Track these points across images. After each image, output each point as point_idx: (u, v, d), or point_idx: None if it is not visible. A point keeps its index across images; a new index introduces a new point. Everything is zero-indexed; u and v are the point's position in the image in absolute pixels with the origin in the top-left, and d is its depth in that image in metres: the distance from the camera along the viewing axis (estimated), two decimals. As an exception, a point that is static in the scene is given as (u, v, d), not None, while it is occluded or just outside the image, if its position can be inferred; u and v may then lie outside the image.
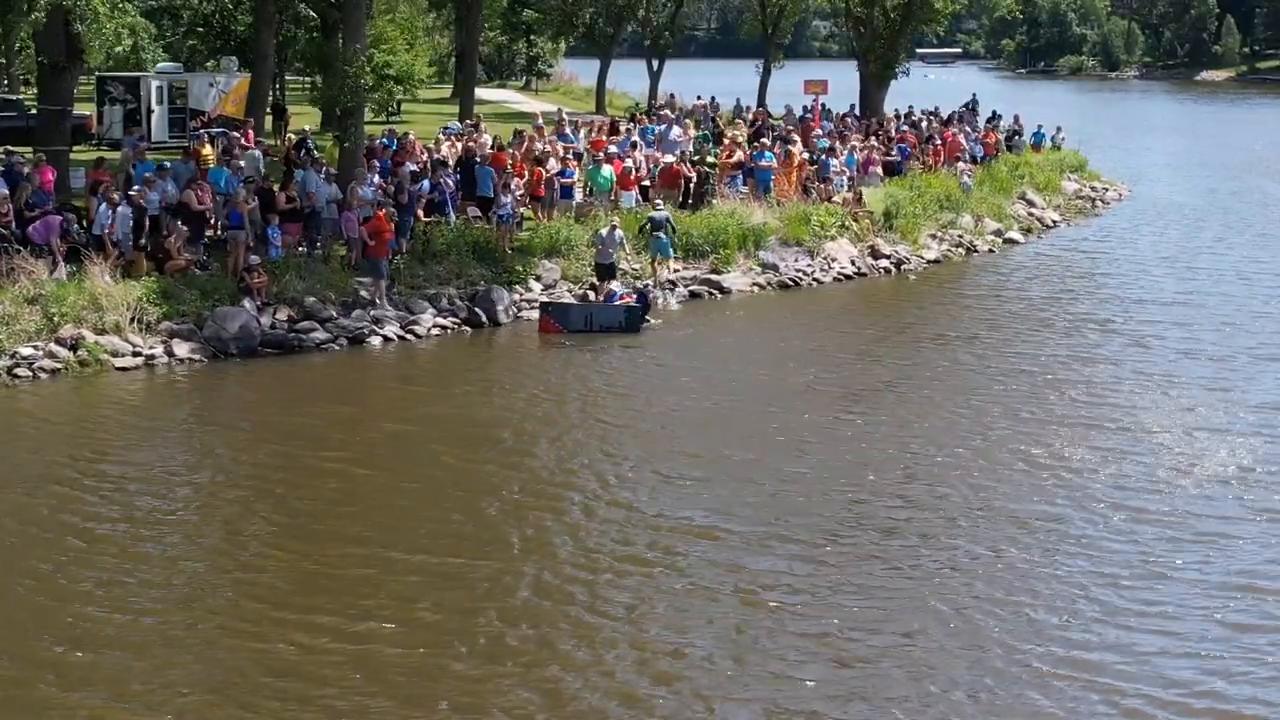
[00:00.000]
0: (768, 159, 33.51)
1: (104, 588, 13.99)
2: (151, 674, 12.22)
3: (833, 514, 16.32)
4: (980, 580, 14.48)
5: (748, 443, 18.97)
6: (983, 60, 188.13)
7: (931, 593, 14.10)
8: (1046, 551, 15.27)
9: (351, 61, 27.16)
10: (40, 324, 22.06)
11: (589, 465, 18.08)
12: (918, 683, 12.27)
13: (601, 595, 13.98)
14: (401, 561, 14.79)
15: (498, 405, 21.01)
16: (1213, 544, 15.52)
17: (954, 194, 36.98)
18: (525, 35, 70.90)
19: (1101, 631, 13.31)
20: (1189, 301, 29.35)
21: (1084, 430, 19.63)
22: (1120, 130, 75.29)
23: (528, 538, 15.52)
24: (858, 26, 48.78)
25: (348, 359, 23.71)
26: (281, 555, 14.98)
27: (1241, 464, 18.22)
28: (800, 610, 13.70)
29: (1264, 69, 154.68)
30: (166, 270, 23.90)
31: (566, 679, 12.30)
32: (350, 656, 12.59)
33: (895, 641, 13.08)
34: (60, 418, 20.16)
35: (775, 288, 30.20)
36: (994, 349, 24.93)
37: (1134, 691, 12.21)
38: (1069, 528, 16.01)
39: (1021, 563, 14.97)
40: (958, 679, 12.35)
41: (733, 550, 15.16)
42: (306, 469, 17.90)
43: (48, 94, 29.10)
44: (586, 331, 25.25)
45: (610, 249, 27.04)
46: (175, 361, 22.56)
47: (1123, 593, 14.19)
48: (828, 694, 12.09)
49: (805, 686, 12.22)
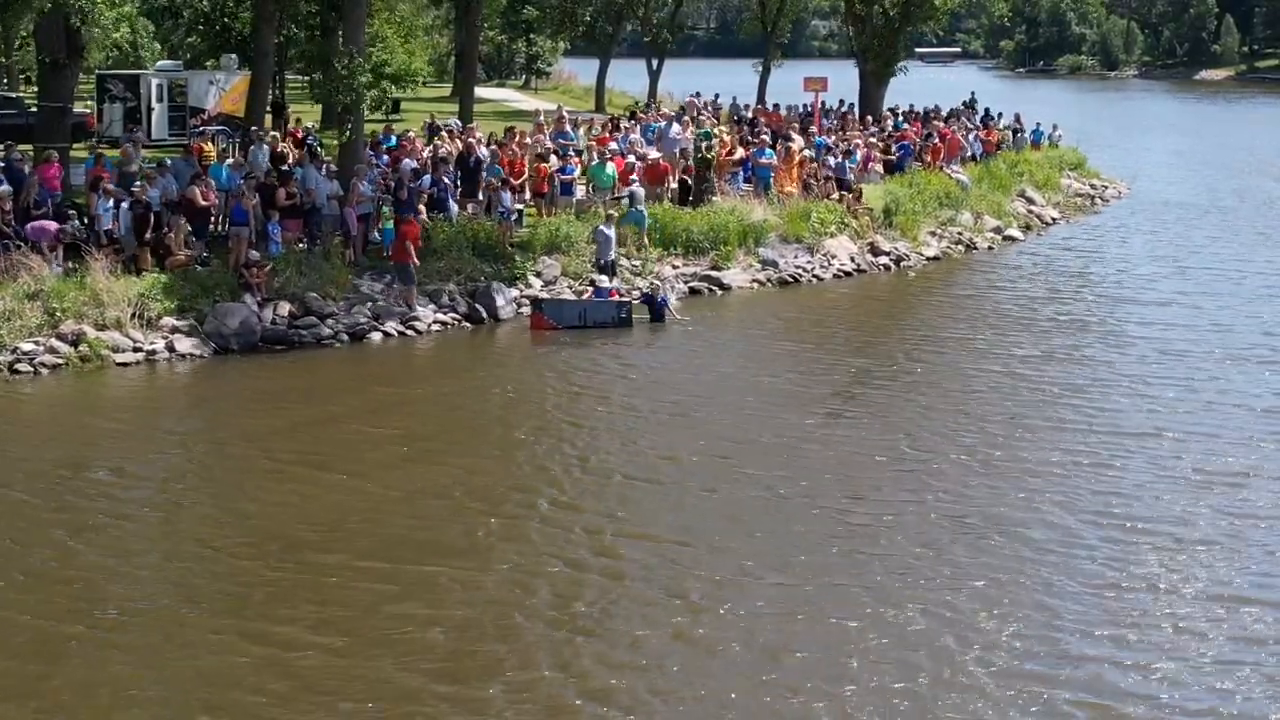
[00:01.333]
0: (768, 156, 33.55)
1: (102, 583, 14.00)
2: (152, 670, 12.24)
3: (823, 516, 16.30)
4: (968, 588, 14.32)
5: (744, 443, 18.97)
6: (982, 60, 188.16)
7: (912, 598, 14.00)
8: (1026, 559, 15.25)
9: (349, 59, 27.17)
10: (41, 320, 22.10)
11: (579, 464, 18.10)
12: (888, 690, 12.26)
13: (571, 597, 13.92)
14: (399, 558, 14.82)
15: (498, 403, 21.03)
16: (1212, 550, 15.47)
17: (953, 191, 37.02)
18: (524, 34, 70.87)
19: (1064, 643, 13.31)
20: (1184, 300, 29.30)
21: (1081, 433, 19.57)
22: (1120, 129, 75.31)
23: (532, 540, 15.55)
24: (858, 24, 48.79)
25: (348, 355, 23.74)
26: (281, 554, 14.95)
27: (1240, 467, 18.24)
28: (780, 610, 13.70)
29: (1263, 68, 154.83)
30: (168, 266, 23.93)
31: (565, 680, 12.32)
32: (353, 659, 12.60)
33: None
34: (61, 413, 20.20)
35: (775, 284, 30.22)
36: (992, 347, 24.92)
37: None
38: (1061, 532, 16.00)
39: (1019, 571, 14.88)
40: (941, 681, 12.34)
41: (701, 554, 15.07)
42: (305, 464, 17.89)
43: (48, 91, 29.14)
44: (580, 328, 25.27)
45: (610, 246, 27.06)
46: (176, 357, 22.59)
47: (1120, 599, 14.17)
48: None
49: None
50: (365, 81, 27.40)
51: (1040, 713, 11.77)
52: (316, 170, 26.78)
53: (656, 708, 11.78)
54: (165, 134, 38.27)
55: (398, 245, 25.12)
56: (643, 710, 11.73)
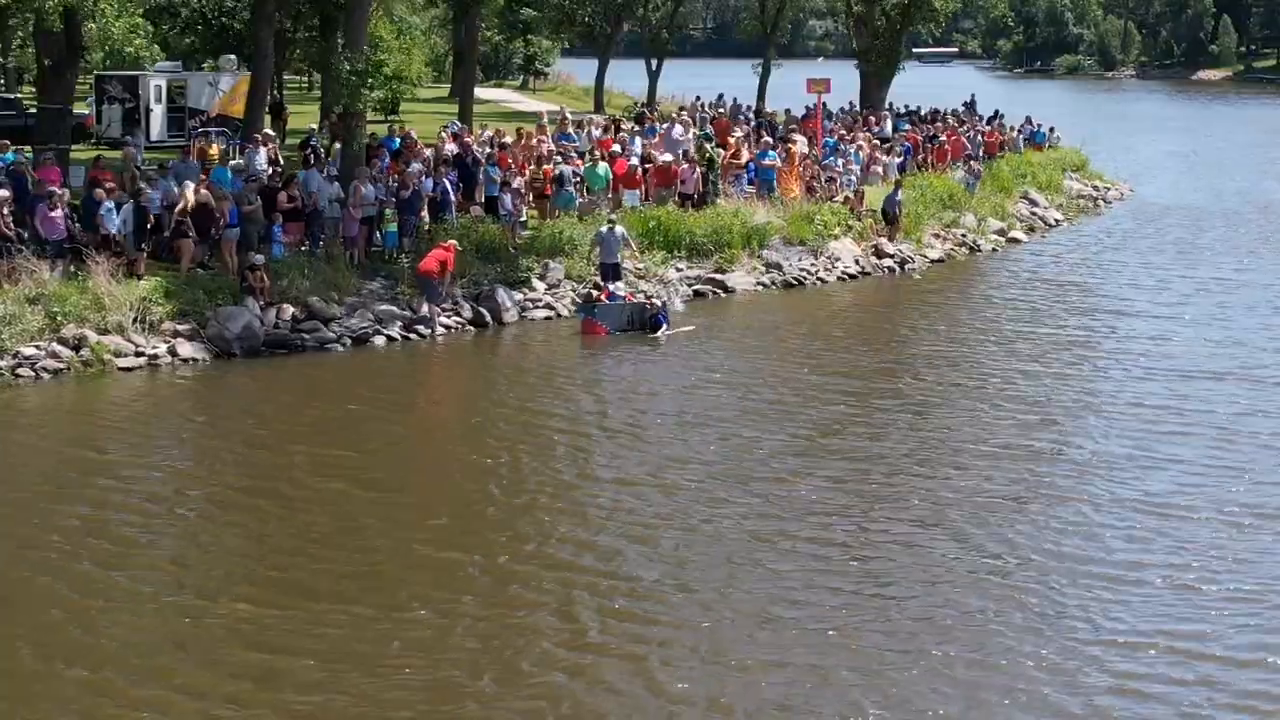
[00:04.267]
0: (771, 158, 33.40)
1: (101, 586, 13.85)
2: (147, 671, 12.10)
3: (822, 520, 16.18)
4: (955, 599, 14.23)
5: (741, 444, 18.84)
6: (979, 60, 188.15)
7: (897, 596, 13.93)
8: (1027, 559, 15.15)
9: (351, 62, 26.98)
10: (43, 324, 21.91)
11: (589, 467, 17.98)
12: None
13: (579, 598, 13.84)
14: (404, 559, 14.68)
15: (504, 406, 20.87)
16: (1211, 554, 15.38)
17: (957, 193, 36.89)
18: (523, 34, 70.70)
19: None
20: (1185, 303, 29.25)
21: (1078, 435, 19.49)
22: (1121, 130, 75.14)
23: (534, 537, 15.43)
24: (857, 25, 48.71)
25: (351, 359, 23.56)
26: (282, 555, 14.83)
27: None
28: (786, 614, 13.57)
29: (1260, 68, 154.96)
30: (183, 270, 23.77)
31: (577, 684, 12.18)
32: (351, 652, 12.46)
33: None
34: (63, 418, 20.05)
35: (779, 287, 30.08)
36: (993, 350, 24.77)
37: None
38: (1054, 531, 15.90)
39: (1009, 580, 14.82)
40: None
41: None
42: (308, 469, 17.73)
43: (47, 92, 28.96)
44: (629, 330, 25.20)
45: (614, 248, 26.83)
46: (178, 361, 22.40)
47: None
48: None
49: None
50: (372, 84, 27.19)
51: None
52: (318, 173, 26.59)
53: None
54: (164, 135, 38.08)
55: (429, 260, 24.78)
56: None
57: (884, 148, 37.93)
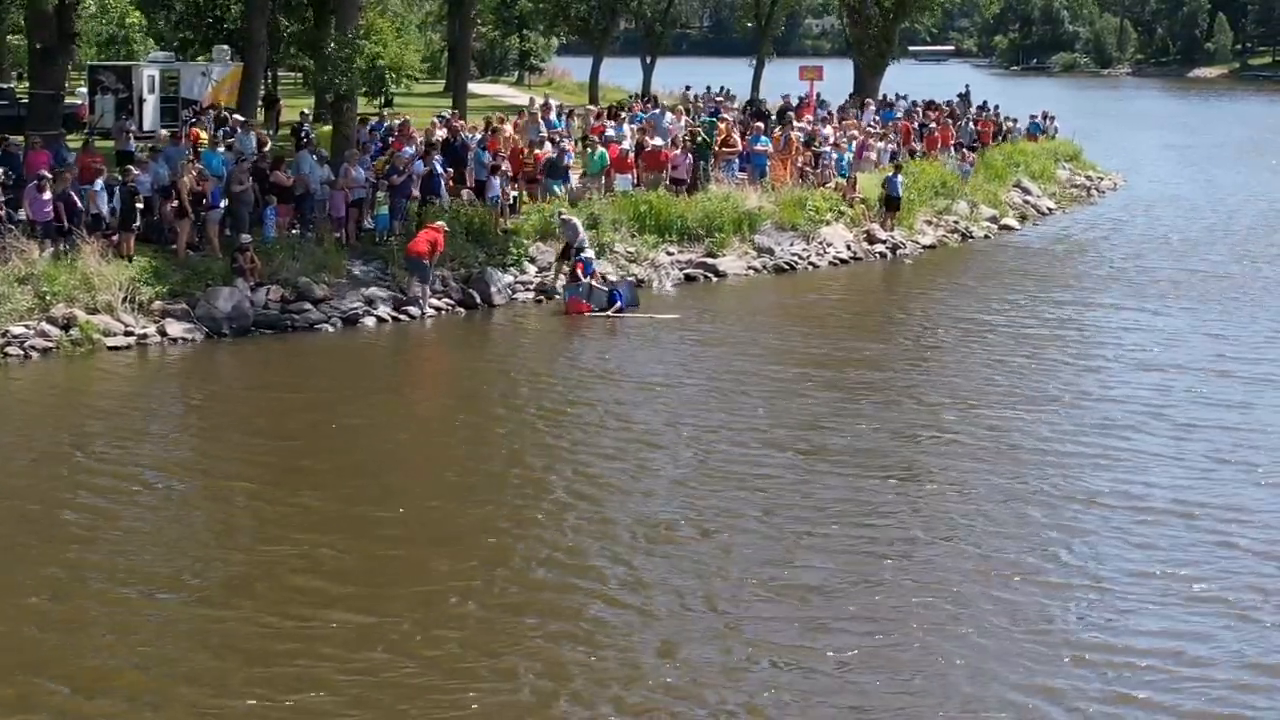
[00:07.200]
0: (763, 143, 33.43)
1: (89, 567, 13.82)
2: (132, 655, 12.03)
3: (812, 514, 16.16)
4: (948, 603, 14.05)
5: (736, 438, 18.83)
6: (975, 58, 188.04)
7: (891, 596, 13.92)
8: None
9: (344, 47, 26.97)
10: (32, 303, 21.93)
11: (569, 450, 18.00)
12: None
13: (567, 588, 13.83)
14: (396, 539, 14.68)
15: (492, 386, 20.91)
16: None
17: (950, 180, 36.93)
18: (518, 29, 70.70)
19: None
20: (1174, 288, 29.29)
21: (1070, 426, 19.26)
22: (1116, 125, 75.13)
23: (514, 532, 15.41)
24: (852, 17, 48.82)
25: (341, 339, 23.58)
26: (269, 536, 14.78)
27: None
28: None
29: (1256, 66, 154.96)
30: (180, 250, 23.80)
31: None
32: (346, 647, 12.46)
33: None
34: (52, 397, 20.05)
35: (770, 271, 30.11)
36: (983, 337, 24.69)
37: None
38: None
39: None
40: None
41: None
42: (296, 449, 17.72)
43: (39, 79, 28.98)
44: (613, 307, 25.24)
45: (578, 233, 26.59)
46: (168, 341, 22.42)
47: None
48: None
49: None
50: (362, 66, 27.22)
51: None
52: (310, 156, 26.62)
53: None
54: (157, 125, 38.04)
55: (419, 241, 24.82)
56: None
57: (877, 134, 37.95)
